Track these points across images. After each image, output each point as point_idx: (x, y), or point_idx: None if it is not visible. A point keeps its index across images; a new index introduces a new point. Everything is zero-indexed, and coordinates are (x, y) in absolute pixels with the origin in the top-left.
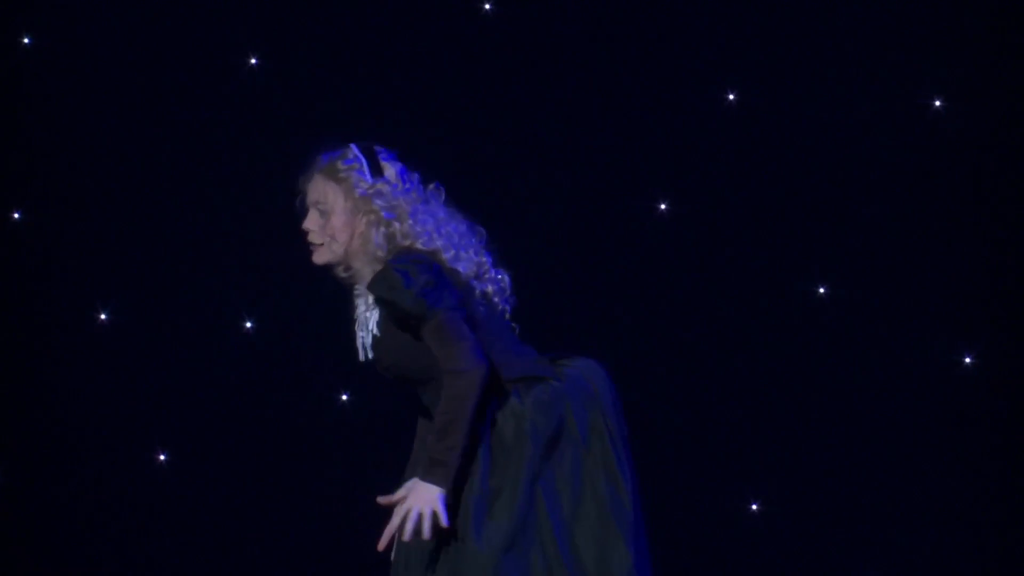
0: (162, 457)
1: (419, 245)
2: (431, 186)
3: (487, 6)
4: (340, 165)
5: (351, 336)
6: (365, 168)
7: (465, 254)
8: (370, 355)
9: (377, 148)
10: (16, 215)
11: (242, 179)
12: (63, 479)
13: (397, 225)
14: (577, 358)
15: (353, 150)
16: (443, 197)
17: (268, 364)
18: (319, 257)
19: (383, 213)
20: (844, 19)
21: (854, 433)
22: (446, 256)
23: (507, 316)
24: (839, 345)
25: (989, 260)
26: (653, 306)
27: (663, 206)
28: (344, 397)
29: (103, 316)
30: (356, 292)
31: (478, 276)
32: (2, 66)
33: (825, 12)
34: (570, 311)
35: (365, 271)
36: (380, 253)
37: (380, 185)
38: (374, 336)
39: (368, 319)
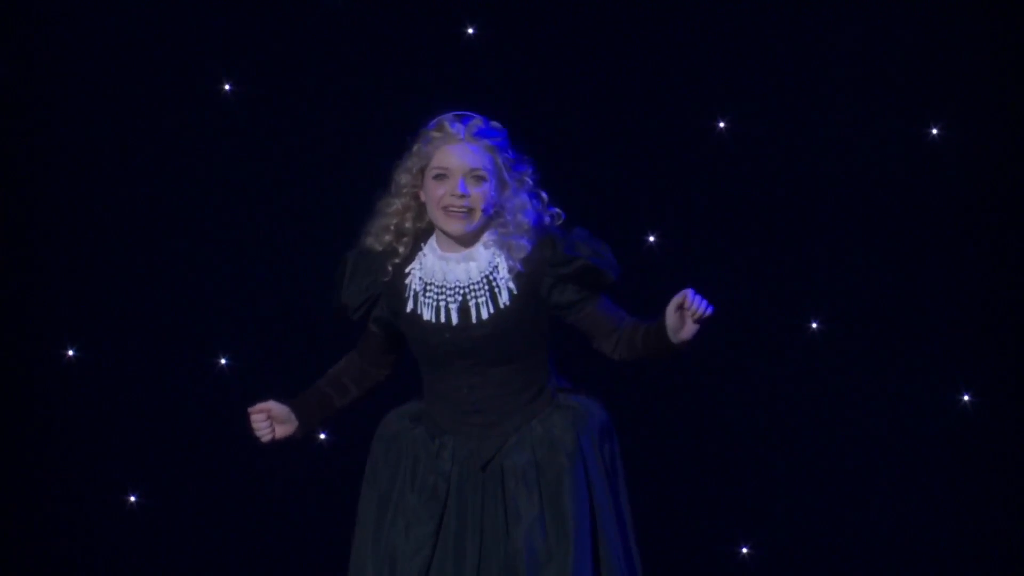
0: (132, 499)
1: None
2: None
3: (470, 30)
4: (494, 132)
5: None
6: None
7: None
8: (480, 317)
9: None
10: None
11: (215, 212)
12: (30, 522)
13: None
14: None
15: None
16: None
17: (244, 402)
18: (470, 224)
19: (529, 181)
20: (840, 47)
21: (847, 473)
22: None
23: None
24: (832, 382)
25: (987, 296)
26: None
27: (652, 238)
28: (322, 436)
29: (71, 352)
30: (441, 256)
31: None
32: None
33: (820, 39)
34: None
35: (487, 238)
36: (527, 222)
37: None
38: (505, 304)
39: (494, 284)
